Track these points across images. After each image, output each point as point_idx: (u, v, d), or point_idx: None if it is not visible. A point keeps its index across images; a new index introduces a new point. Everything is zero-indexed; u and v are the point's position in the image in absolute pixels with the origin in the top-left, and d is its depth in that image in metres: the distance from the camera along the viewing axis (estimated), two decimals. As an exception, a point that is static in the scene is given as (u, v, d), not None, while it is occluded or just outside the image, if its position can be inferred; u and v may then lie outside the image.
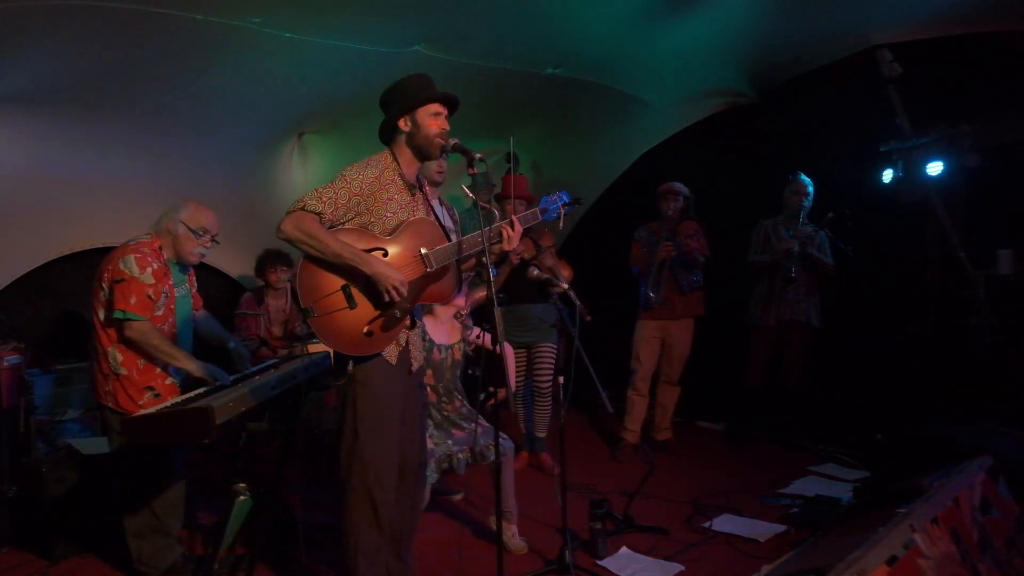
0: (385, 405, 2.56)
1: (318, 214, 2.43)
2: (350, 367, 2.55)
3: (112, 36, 3.54)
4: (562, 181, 5.64)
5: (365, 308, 2.49)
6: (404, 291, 2.47)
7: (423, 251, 2.56)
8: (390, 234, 2.54)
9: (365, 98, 3.59)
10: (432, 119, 2.58)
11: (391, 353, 2.59)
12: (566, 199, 2.76)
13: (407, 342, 2.66)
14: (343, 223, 2.50)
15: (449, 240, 2.66)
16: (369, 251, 2.47)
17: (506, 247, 2.67)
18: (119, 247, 3.06)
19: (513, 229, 2.66)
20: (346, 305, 2.46)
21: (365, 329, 2.49)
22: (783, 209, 5.08)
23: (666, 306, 4.86)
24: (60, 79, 3.82)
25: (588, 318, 3.24)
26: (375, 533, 2.56)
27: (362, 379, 2.54)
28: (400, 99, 2.59)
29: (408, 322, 2.64)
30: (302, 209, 2.42)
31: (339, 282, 2.46)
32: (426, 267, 2.57)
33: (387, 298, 2.45)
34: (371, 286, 2.47)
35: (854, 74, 4.91)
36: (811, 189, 4.97)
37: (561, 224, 2.80)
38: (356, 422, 2.54)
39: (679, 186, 4.89)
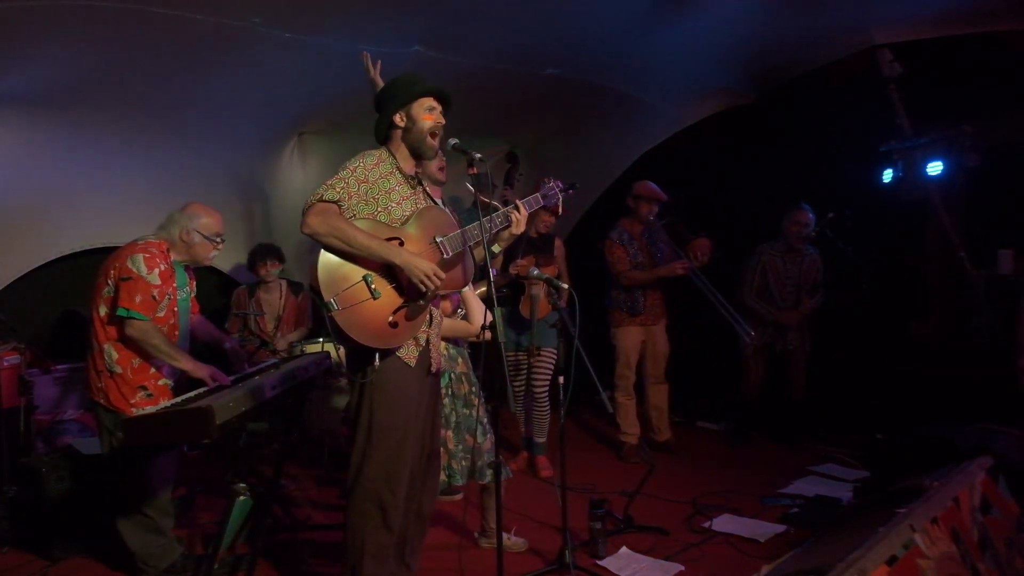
0: (400, 408, 2.53)
1: (336, 202, 2.43)
2: (376, 362, 2.49)
3: (112, 36, 3.55)
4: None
5: (388, 298, 2.46)
6: (439, 279, 2.44)
7: (437, 238, 2.56)
8: (401, 224, 2.53)
9: (364, 98, 3.59)
10: (427, 113, 2.58)
11: (410, 355, 2.56)
12: (562, 184, 2.88)
13: (427, 342, 2.63)
14: (355, 215, 2.48)
15: (460, 227, 2.66)
16: (385, 240, 2.46)
17: (515, 231, 2.73)
18: (127, 245, 3.06)
19: (520, 213, 2.71)
20: (369, 296, 2.42)
21: (390, 319, 2.45)
22: (782, 236, 5.07)
23: (651, 311, 4.85)
24: (59, 79, 3.82)
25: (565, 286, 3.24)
26: (383, 534, 2.54)
27: (378, 381, 2.51)
28: (394, 95, 2.60)
29: (427, 318, 2.62)
30: (321, 200, 2.41)
31: (360, 273, 2.43)
32: (442, 254, 2.56)
33: (423, 288, 2.43)
34: (393, 274, 2.45)
35: (854, 74, 4.91)
36: (812, 216, 4.97)
37: (560, 209, 2.91)
38: (370, 424, 2.51)
39: (656, 188, 4.77)
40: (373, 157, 2.56)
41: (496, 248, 2.84)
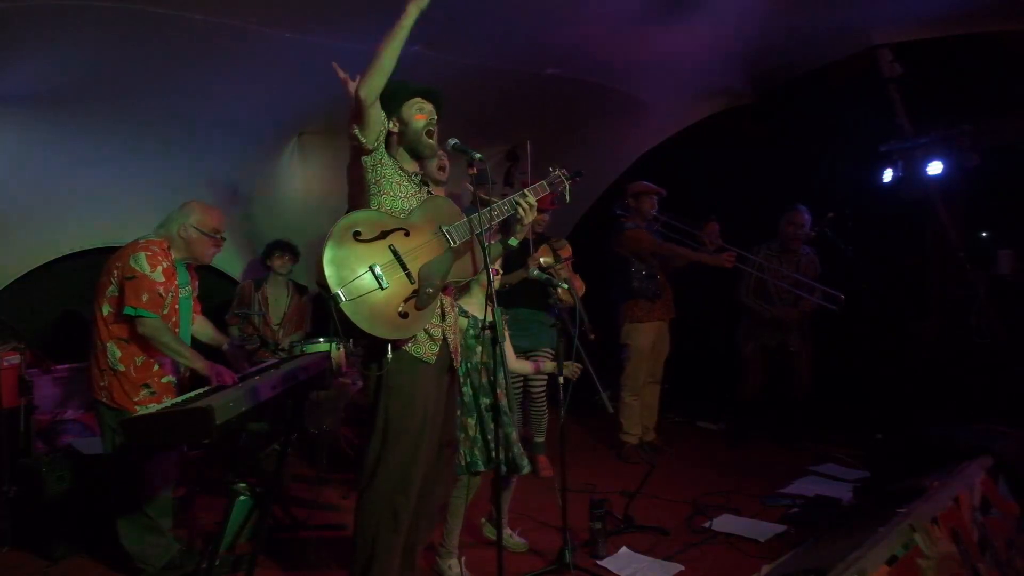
0: (416, 409, 2.49)
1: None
2: (388, 354, 2.44)
3: (112, 36, 3.54)
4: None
5: (396, 287, 2.42)
6: None
7: (443, 227, 2.55)
8: (407, 215, 2.51)
9: (365, 98, 3.59)
10: (418, 113, 2.58)
11: (429, 352, 2.53)
12: (567, 172, 2.86)
13: (444, 336, 2.59)
14: (361, 195, 2.47)
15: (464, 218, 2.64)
16: (390, 231, 2.44)
17: (525, 221, 2.68)
18: (128, 245, 3.07)
19: (528, 200, 2.65)
20: (376, 286, 2.38)
21: (400, 308, 2.41)
22: (778, 237, 5.09)
23: (666, 305, 4.88)
24: (60, 79, 3.82)
25: (592, 336, 3.24)
26: (393, 537, 2.50)
27: (395, 382, 2.47)
28: (383, 103, 2.57)
29: (440, 311, 2.59)
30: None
31: (366, 263, 2.39)
32: (449, 243, 2.55)
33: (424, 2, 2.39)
34: (400, 263, 2.42)
35: (854, 74, 4.92)
36: (808, 217, 5.00)
37: (568, 197, 2.86)
38: (386, 427, 2.47)
39: (652, 184, 4.87)
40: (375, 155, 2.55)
41: (513, 241, 2.80)
